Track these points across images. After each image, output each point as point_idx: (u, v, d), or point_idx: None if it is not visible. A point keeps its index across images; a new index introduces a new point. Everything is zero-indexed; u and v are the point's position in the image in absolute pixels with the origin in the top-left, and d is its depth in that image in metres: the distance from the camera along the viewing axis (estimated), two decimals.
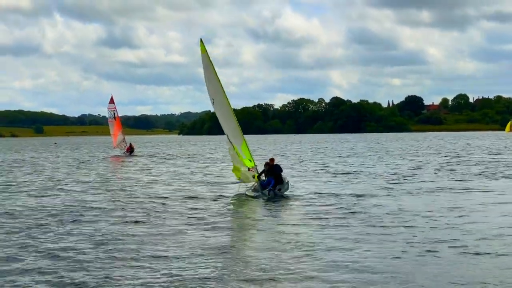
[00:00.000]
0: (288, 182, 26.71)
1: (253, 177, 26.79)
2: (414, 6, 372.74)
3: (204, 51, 27.26)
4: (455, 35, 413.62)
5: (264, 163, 27.44)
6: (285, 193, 26.24)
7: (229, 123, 27.70)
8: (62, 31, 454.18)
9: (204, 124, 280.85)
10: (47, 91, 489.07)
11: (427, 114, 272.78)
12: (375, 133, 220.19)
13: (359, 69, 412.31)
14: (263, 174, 26.60)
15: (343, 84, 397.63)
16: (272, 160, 27.00)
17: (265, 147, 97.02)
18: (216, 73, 27.23)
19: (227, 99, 27.53)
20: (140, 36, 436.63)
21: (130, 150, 71.63)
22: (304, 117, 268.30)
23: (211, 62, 27.19)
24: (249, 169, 27.24)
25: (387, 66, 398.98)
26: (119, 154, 71.88)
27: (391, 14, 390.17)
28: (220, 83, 27.34)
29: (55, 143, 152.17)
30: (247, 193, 26.55)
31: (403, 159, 55.52)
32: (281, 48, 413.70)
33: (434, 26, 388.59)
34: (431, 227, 18.33)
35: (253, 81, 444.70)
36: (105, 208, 23.75)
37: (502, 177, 35.40)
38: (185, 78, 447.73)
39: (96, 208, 23.76)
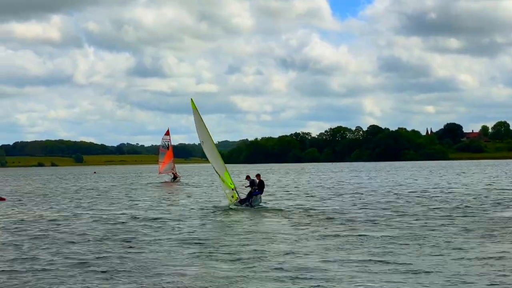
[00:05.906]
0: (260, 197, 35.19)
1: (232, 196, 35.40)
2: (441, 34, 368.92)
3: (195, 108, 35.49)
4: (485, 62, 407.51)
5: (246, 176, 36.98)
6: (260, 204, 34.77)
7: (215, 159, 36.06)
8: (93, 61, 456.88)
9: (241, 153, 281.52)
10: (83, 121, 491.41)
11: (467, 142, 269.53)
12: (411, 161, 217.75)
13: (391, 96, 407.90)
14: (253, 188, 34.83)
15: (376, 112, 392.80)
16: (258, 175, 35.60)
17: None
18: (204, 123, 35.52)
19: (213, 142, 36.32)
20: (170, 65, 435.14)
21: (174, 177, 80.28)
22: (341, 145, 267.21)
23: (199, 115, 35.35)
24: (232, 189, 35.40)
25: (419, 93, 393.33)
26: (167, 180, 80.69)
27: (419, 42, 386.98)
28: (208, 131, 35.63)
29: (95, 172, 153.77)
30: (230, 206, 35.30)
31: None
32: (311, 76, 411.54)
33: (463, 53, 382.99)
34: None
35: (285, 109, 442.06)
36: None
37: None
38: (217, 106, 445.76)
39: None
